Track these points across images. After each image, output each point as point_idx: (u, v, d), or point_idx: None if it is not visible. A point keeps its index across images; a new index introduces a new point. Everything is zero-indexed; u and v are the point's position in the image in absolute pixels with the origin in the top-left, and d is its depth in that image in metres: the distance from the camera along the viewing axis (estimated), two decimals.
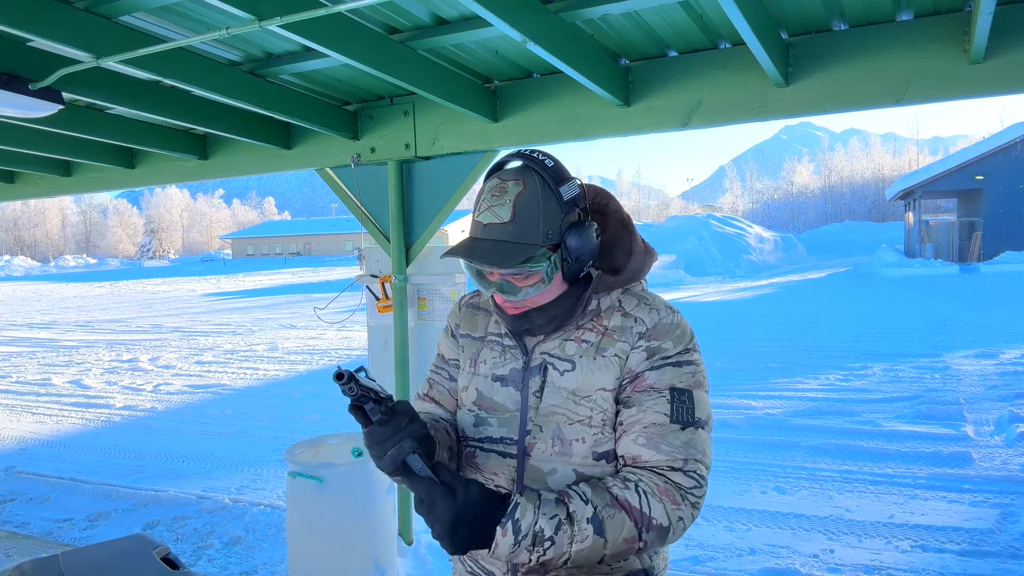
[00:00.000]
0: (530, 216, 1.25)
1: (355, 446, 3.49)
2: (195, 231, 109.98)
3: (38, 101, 2.87)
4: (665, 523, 1.17)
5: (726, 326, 13.39)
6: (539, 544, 1.13)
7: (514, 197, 1.25)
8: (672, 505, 1.18)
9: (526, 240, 1.24)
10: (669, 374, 1.27)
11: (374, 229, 3.95)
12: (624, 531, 1.16)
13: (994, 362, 9.10)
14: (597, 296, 1.35)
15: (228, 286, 32.63)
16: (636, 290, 1.38)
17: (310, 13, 2.22)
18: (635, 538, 1.16)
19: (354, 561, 3.25)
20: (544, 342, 1.35)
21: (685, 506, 1.19)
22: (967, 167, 27.05)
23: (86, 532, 4.54)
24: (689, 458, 1.21)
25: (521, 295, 1.29)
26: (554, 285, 1.31)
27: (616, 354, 1.29)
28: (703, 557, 3.95)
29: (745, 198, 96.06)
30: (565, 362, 1.32)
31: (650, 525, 1.17)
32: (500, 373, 1.38)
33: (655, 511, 1.17)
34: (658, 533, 1.17)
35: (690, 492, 1.20)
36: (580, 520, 1.14)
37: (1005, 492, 4.77)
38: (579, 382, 1.30)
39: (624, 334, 1.30)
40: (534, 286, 1.28)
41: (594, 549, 1.14)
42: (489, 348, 1.42)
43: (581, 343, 1.32)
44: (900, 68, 2.66)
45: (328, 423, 7.11)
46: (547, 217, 1.25)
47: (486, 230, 1.28)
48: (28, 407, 8.52)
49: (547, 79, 3.30)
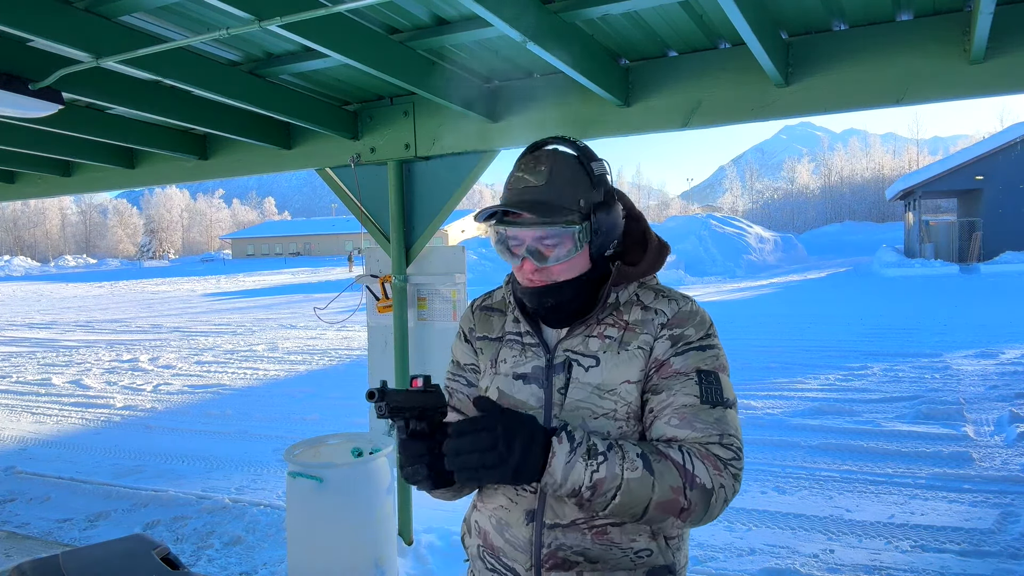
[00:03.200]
0: (564, 181, 1.29)
1: (355, 446, 3.50)
2: (195, 231, 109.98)
3: (38, 101, 2.87)
4: (708, 484, 1.18)
5: (726, 326, 13.39)
6: (593, 457, 1.13)
7: (549, 165, 1.30)
8: (714, 470, 1.19)
9: (560, 202, 1.28)
10: (694, 358, 1.29)
11: (374, 229, 3.95)
12: (670, 478, 1.16)
13: (994, 362, 9.10)
14: (616, 290, 1.35)
15: (228, 286, 32.63)
16: (651, 284, 1.40)
17: (310, 13, 2.22)
18: (680, 490, 1.16)
19: (354, 561, 3.25)
20: (566, 339, 1.36)
21: (727, 475, 1.20)
22: (967, 167, 27.05)
23: (86, 532, 4.54)
24: (724, 433, 1.23)
25: (551, 260, 1.30)
26: (580, 260, 1.33)
27: (640, 346, 1.31)
28: (703, 557, 3.95)
29: (745, 198, 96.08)
30: (589, 358, 1.33)
31: (694, 483, 1.17)
32: (522, 371, 1.38)
33: (698, 470, 1.18)
34: (701, 494, 1.17)
35: (730, 463, 1.21)
36: (630, 452, 1.17)
37: (1005, 492, 4.77)
38: (603, 377, 1.31)
39: (646, 326, 1.32)
40: (566, 253, 1.30)
41: (643, 484, 1.14)
42: (508, 347, 1.42)
43: (604, 339, 1.33)
44: (900, 68, 2.66)
45: (328, 423, 7.11)
46: (579, 186, 1.30)
47: (520, 192, 1.30)
48: (28, 407, 8.52)
49: (547, 79, 3.30)
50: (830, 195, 79.20)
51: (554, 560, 1.30)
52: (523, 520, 1.33)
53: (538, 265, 1.31)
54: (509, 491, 1.36)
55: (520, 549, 1.33)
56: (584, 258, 1.33)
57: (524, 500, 1.33)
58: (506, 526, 1.36)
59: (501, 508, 1.37)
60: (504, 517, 1.36)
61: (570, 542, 1.29)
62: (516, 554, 1.34)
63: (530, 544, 1.32)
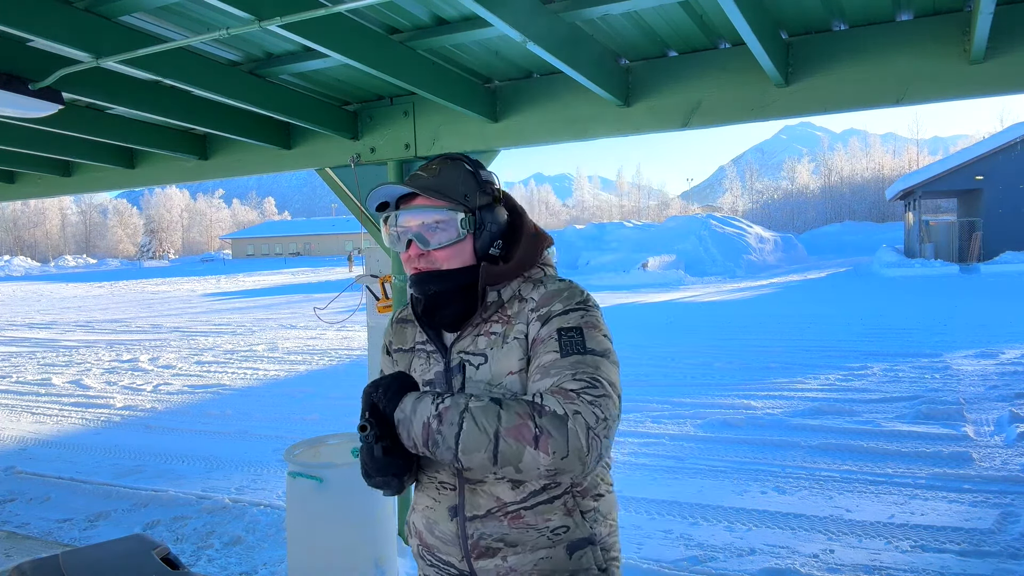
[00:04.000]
0: (453, 178, 1.42)
1: (355, 446, 3.49)
2: (195, 231, 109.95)
3: (38, 101, 2.87)
4: (560, 411, 1.20)
5: (726, 326, 13.39)
6: (439, 397, 1.26)
7: (440, 166, 1.44)
8: (565, 400, 1.22)
9: (447, 191, 1.40)
10: (556, 322, 1.34)
11: (374, 229, 3.95)
12: (517, 407, 1.22)
13: (994, 362, 9.10)
14: (495, 288, 1.43)
15: (228, 286, 32.63)
16: (535, 276, 1.46)
17: (310, 13, 2.22)
18: (528, 415, 1.21)
19: (354, 561, 3.25)
20: (458, 341, 1.44)
21: (581, 402, 1.21)
22: (967, 167, 27.05)
23: (86, 532, 4.54)
24: (577, 372, 1.26)
25: (434, 244, 1.40)
26: (464, 251, 1.42)
27: (515, 336, 1.38)
28: (703, 557, 3.95)
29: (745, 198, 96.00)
30: (478, 356, 1.40)
31: (543, 411, 1.21)
32: (428, 378, 1.47)
33: (547, 400, 1.23)
34: (552, 419, 1.20)
35: (583, 392, 1.23)
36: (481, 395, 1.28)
37: (1005, 492, 4.77)
38: (492, 372, 1.38)
39: (520, 316, 1.39)
40: (447, 238, 1.39)
41: (488, 411, 1.22)
42: (417, 357, 1.51)
43: (490, 335, 1.40)
44: (900, 68, 2.66)
45: (328, 423, 7.11)
46: (467, 185, 1.42)
47: (411, 179, 1.44)
48: (28, 407, 8.51)
49: (547, 79, 3.30)
50: (830, 195, 79.16)
51: (479, 550, 1.38)
52: (447, 516, 1.42)
53: (421, 248, 1.41)
54: (432, 491, 1.46)
55: (450, 543, 1.42)
56: (468, 251, 1.42)
57: (446, 498, 1.43)
58: (435, 524, 1.45)
59: (427, 508, 1.47)
60: (431, 516, 1.45)
61: (490, 531, 1.38)
62: (448, 548, 1.42)
63: (457, 537, 1.41)
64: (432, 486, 1.45)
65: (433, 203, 1.39)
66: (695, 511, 4.60)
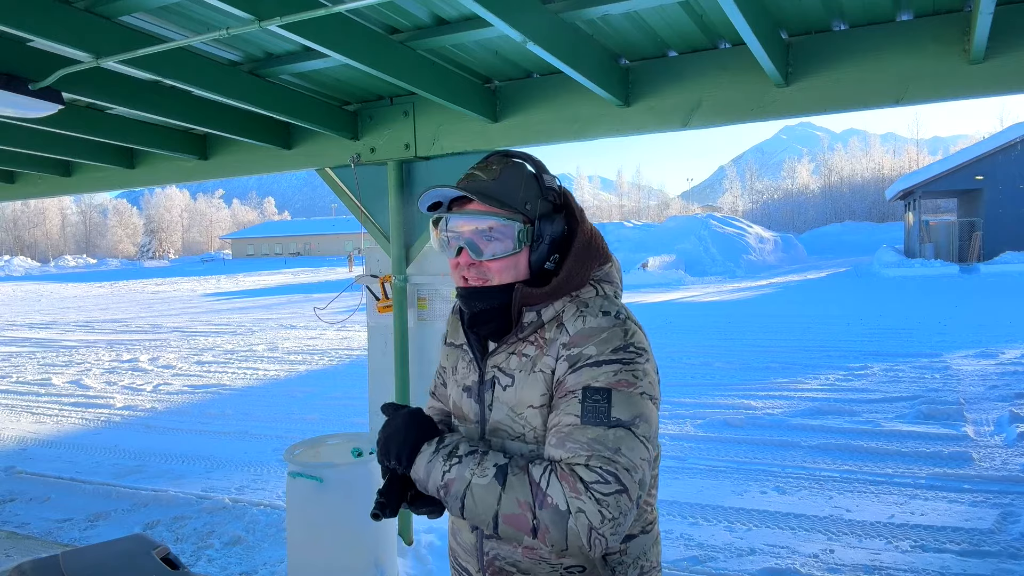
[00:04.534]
0: (513, 182, 1.29)
1: (355, 446, 3.50)
2: (195, 231, 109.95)
3: (38, 101, 2.87)
4: (563, 507, 1.11)
5: (726, 326, 13.39)
6: (449, 459, 1.21)
7: (500, 166, 1.31)
8: (571, 492, 1.11)
9: (506, 199, 1.27)
10: (586, 375, 1.20)
11: (374, 229, 3.95)
12: (520, 493, 1.14)
13: (994, 362, 9.10)
14: (534, 308, 1.29)
15: (228, 286, 32.63)
16: (584, 296, 1.31)
17: (310, 13, 2.22)
18: (528, 506, 1.13)
19: (354, 561, 3.25)
20: (493, 355, 1.34)
21: (588, 499, 1.10)
22: (967, 167, 27.05)
23: (86, 532, 4.54)
24: (594, 454, 1.14)
25: (487, 254, 1.28)
26: (518, 265, 1.29)
27: (542, 368, 1.26)
28: (703, 557, 3.95)
29: (745, 198, 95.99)
30: (507, 376, 1.31)
31: (544, 502, 1.12)
32: (467, 384, 1.40)
33: (552, 489, 1.12)
34: (554, 515, 1.11)
35: (593, 486, 1.11)
36: (490, 459, 1.19)
37: (1005, 492, 4.77)
38: (516, 398, 1.29)
39: (551, 347, 1.26)
40: (503, 249, 1.27)
41: (489, 492, 1.16)
42: (462, 358, 1.44)
43: (522, 357, 1.30)
44: (900, 68, 2.66)
45: (328, 423, 7.11)
46: (528, 191, 1.30)
47: (467, 180, 1.31)
48: (28, 407, 8.51)
49: (547, 79, 3.30)
50: (830, 195, 79.15)
51: (493, 568, 1.34)
52: (468, 527, 1.39)
53: (473, 258, 1.29)
54: None
55: (470, 554, 1.40)
56: (522, 265, 1.30)
57: None
58: (458, 531, 1.43)
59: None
60: (455, 523, 1.44)
61: (504, 553, 1.33)
62: (469, 557, 1.41)
63: (476, 550, 1.38)
64: None
65: (489, 210, 1.27)
66: (695, 511, 4.61)
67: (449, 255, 1.33)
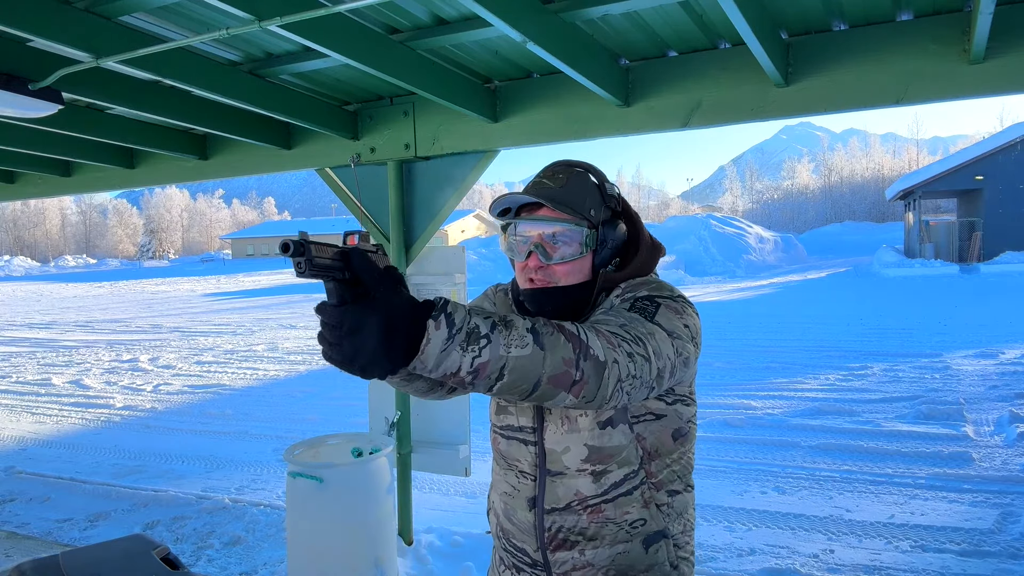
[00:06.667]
0: (580, 190, 1.39)
1: (355, 446, 3.49)
2: (195, 231, 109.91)
3: (38, 101, 2.87)
4: (602, 357, 1.09)
5: (726, 326, 13.39)
6: (474, 342, 1.00)
7: (567, 175, 1.40)
8: (608, 344, 1.11)
9: (573, 205, 1.37)
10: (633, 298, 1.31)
11: (374, 229, 3.95)
12: (563, 351, 1.06)
13: (994, 362, 9.10)
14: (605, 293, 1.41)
15: (228, 286, 32.62)
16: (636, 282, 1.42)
17: (310, 13, 2.22)
18: (573, 361, 1.07)
19: (354, 561, 3.25)
20: None
21: (620, 352, 1.12)
22: (967, 167, 27.02)
23: (86, 532, 4.54)
24: (629, 324, 1.19)
25: (556, 258, 1.36)
26: (583, 267, 1.39)
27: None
28: (703, 557, 3.95)
29: (745, 198, 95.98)
30: None
31: (588, 353, 1.08)
32: None
33: (592, 342, 1.10)
34: (595, 366, 1.09)
35: (624, 341, 1.14)
36: (519, 327, 1.05)
37: (1005, 492, 4.77)
38: None
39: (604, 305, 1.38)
40: (571, 253, 1.36)
41: (533, 360, 1.04)
42: None
43: None
44: (900, 68, 2.66)
45: (328, 423, 7.11)
46: (593, 199, 1.39)
47: (536, 188, 1.39)
48: (28, 407, 8.51)
49: (547, 79, 3.30)
50: (830, 195, 79.12)
51: (556, 541, 1.37)
52: (526, 506, 1.41)
53: (543, 262, 1.37)
54: (512, 478, 1.44)
55: (527, 532, 1.41)
56: (587, 268, 1.39)
57: (526, 487, 1.41)
58: (512, 511, 1.44)
59: (506, 495, 1.46)
60: (510, 503, 1.45)
61: (568, 524, 1.36)
62: (524, 537, 1.42)
63: (534, 528, 1.40)
64: (512, 472, 1.44)
65: (558, 215, 1.36)
66: (695, 511, 4.61)
67: (518, 259, 1.40)
